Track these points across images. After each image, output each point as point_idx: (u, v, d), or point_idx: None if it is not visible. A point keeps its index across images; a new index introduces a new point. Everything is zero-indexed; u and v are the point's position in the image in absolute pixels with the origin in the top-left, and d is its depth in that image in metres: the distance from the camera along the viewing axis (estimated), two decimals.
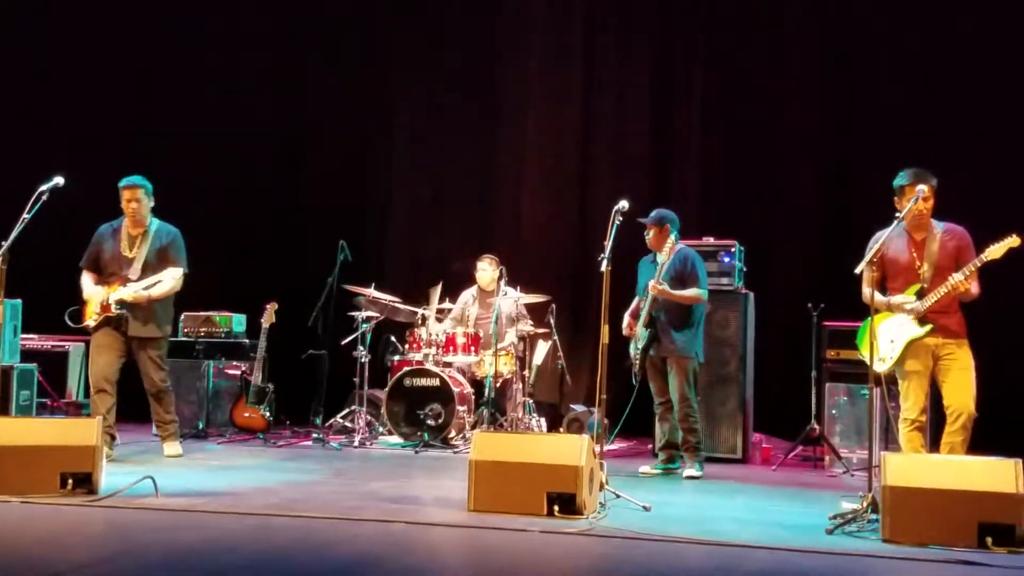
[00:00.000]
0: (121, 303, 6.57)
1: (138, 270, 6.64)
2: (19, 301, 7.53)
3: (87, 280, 6.75)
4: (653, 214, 6.77)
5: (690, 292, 6.64)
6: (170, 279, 6.69)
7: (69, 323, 6.85)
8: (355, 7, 10.30)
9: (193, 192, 9.72)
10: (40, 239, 6.10)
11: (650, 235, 6.75)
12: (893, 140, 8.47)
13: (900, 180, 5.31)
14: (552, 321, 8.25)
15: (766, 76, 9.16)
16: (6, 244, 5.54)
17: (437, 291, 8.44)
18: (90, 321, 6.65)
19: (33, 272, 6.71)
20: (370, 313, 8.14)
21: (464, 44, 10.00)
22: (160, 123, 10.06)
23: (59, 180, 5.83)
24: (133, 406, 7.21)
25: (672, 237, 6.61)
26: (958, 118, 8.31)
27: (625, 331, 6.89)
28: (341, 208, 9.98)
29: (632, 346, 6.83)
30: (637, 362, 6.75)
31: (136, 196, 6.66)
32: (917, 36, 8.68)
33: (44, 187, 5.78)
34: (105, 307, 6.58)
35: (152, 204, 6.78)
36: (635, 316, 6.84)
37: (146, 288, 6.59)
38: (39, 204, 5.71)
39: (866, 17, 8.87)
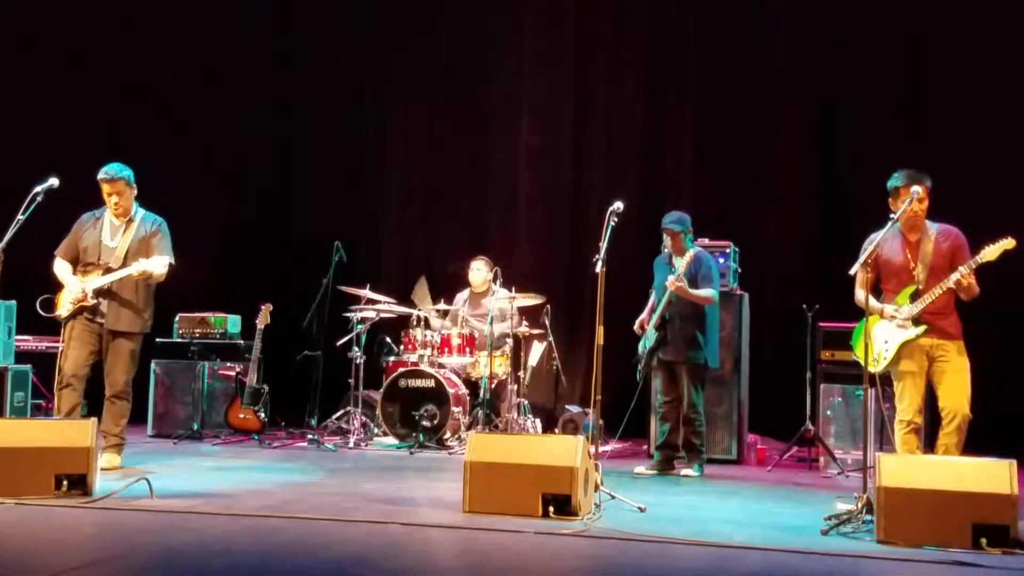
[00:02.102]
0: (99, 292, 6.07)
1: (120, 259, 6.13)
2: (13, 302, 7.50)
3: (62, 267, 6.23)
4: (675, 218, 6.77)
5: (703, 292, 6.67)
6: (157, 264, 6.01)
7: (41, 312, 6.32)
8: (348, 8, 10.29)
9: (188, 193, 9.71)
10: (35, 240, 6.06)
11: (674, 240, 6.76)
12: (887, 141, 8.49)
13: (895, 181, 5.30)
14: (547, 322, 8.25)
15: (761, 75, 9.18)
16: (0, 245, 5.52)
17: (423, 284, 8.43)
18: (63, 310, 6.13)
19: (28, 273, 6.60)
20: (365, 314, 8.14)
21: (458, 46, 10.01)
22: (157, 124, 10.04)
23: (54, 181, 5.78)
24: None
25: (689, 241, 6.70)
26: (952, 119, 8.33)
27: (637, 329, 6.93)
28: (336, 209, 9.98)
29: (641, 344, 6.86)
30: (643, 360, 6.77)
31: (117, 190, 6.14)
32: (910, 36, 8.70)
33: (39, 188, 5.73)
34: (81, 297, 6.07)
35: (135, 193, 6.26)
36: (652, 314, 6.87)
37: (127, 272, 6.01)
38: (34, 205, 5.66)
39: (859, 18, 8.89)
